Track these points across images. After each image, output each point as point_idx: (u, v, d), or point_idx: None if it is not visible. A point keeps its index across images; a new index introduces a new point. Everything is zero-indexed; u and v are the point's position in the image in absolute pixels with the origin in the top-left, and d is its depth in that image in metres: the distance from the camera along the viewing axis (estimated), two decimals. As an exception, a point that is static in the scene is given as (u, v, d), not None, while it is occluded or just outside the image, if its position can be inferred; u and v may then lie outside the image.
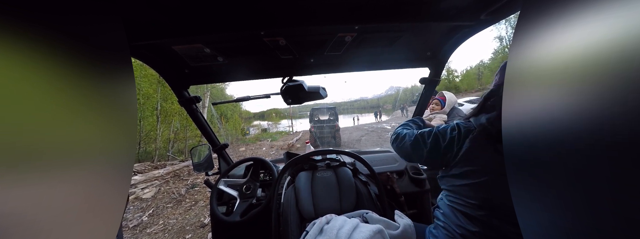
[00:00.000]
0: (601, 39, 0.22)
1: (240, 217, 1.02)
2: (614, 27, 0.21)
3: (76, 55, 0.31)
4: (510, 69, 0.34)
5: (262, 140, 11.88)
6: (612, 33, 0.21)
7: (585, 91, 0.23)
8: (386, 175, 1.30)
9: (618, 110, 0.20)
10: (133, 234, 2.73)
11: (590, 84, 0.23)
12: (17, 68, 0.24)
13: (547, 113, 0.28)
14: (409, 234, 0.64)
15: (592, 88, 0.23)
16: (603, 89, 0.22)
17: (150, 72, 7.53)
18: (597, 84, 0.22)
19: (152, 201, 3.65)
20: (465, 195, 0.66)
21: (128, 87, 0.40)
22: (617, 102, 0.21)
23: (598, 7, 0.23)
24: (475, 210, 0.64)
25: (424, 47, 1.01)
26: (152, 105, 8.32)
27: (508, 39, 22.29)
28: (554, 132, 0.27)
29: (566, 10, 0.26)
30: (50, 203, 0.26)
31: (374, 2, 0.64)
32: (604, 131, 0.22)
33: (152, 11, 0.59)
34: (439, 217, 0.76)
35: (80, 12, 0.33)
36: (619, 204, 0.21)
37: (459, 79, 31.29)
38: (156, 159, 7.57)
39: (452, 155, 0.68)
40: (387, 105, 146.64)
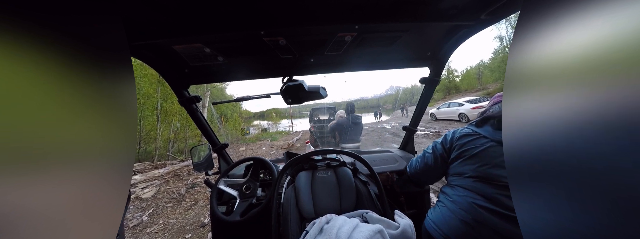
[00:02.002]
0: (601, 38, 0.22)
1: (240, 217, 1.02)
2: (614, 26, 0.21)
3: (76, 55, 0.31)
4: (510, 69, 0.34)
5: (262, 140, 11.87)
6: (613, 33, 0.21)
7: (585, 91, 0.23)
8: (386, 175, 1.30)
9: (618, 110, 0.20)
10: (133, 233, 2.73)
11: (590, 84, 0.23)
12: (17, 69, 0.24)
13: (547, 113, 0.28)
14: (409, 234, 0.64)
15: (592, 88, 0.23)
16: (603, 89, 0.22)
17: (150, 71, 7.53)
18: (597, 84, 0.22)
19: (152, 201, 3.65)
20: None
21: (128, 86, 0.40)
22: (617, 101, 0.21)
23: (598, 7, 0.23)
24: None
25: (424, 46, 1.01)
26: (152, 105, 8.32)
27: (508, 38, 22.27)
28: (554, 132, 0.27)
29: (566, 10, 0.26)
30: (50, 203, 0.26)
31: (374, 2, 0.64)
32: (603, 131, 0.22)
33: (153, 11, 0.59)
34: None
35: (81, 12, 0.33)
36: (618, 203, 0.21)
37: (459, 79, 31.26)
38: (156, 159, 7.58)
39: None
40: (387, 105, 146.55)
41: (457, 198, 0.80)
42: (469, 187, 0.77)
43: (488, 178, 0.73)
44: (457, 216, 0.76)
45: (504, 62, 21.02)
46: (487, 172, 0.74)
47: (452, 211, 0.79)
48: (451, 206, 0.80)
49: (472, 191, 0.76)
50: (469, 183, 0.77)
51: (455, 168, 0.84)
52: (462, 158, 0.82)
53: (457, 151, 0.84)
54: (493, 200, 0.70)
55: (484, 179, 0.74)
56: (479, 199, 0.73)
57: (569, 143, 0.25)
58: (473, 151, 0.79)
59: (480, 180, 0.75)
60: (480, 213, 0.71)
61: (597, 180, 0.23)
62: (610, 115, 0.21)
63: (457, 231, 0.74)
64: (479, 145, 0.78)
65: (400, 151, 1.62)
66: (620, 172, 0.21)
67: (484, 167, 0.75)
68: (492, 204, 0.70)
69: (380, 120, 21.00)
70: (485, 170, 0.74)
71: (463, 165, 0.81)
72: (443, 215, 0.81)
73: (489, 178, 0.73)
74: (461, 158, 0.82)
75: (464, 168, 0.80)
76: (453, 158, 0.85)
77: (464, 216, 0.74)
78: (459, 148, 0.84)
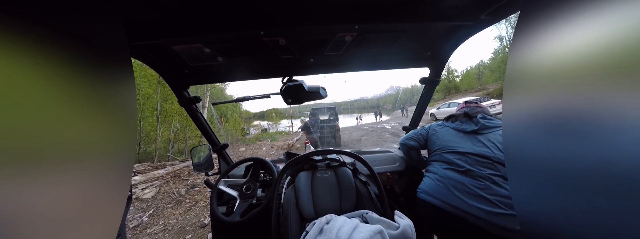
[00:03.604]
0: (601, 38, 0.22)
1: (240, 217, 1.01)
2: (614, 27, 0.21)
3: (76, 55, 0.31)
4: (510, 69, 0.34)
5: (262, 140, 11.88)
6: (612, 33, 0.21)
7: (584, 90, 0.24)
8: (386, 175, 1.29)
9: (617, 109, 0.21)
10: (133, 234, 2.73)
11: (589, 84, 0.23)
12: (17, 69, 0.24)
13: (546, 112, 0.28)
14: (409, 235, 0.64)
15: (591, 87, 0.23)
16: (602, 89, 0.22)
17: (150, 72, 7.54)
18: (596, 84, 0.22)
19: (152, 202, 3.65)
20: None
21: (128, 87, 0.40)
22: (616, 101, 0.21)
23: (598, 7, 0.23)
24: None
25: (424, 46, 1.01)
26: (152, 106, 8.32)
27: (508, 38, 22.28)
28: (553, 131, 0.27)
29: (566, 10, 0.26)
30: (50, 203, 0.25)
31: (374, 2, 0.64)
32: (603, 131, 0.22)
33: (152, 11, 0.59)
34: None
35: (81, 12, 0.33)
36: (617, 202, 0.21)
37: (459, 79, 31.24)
38: (156, 159, 7.57)
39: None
40: (387, 105, 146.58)
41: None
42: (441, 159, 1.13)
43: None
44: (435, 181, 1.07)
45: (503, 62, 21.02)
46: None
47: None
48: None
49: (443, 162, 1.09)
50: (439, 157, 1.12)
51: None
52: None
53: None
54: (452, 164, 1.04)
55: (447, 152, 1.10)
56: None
57: (568, 141, 0.25)
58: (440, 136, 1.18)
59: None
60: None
61: (596, 178, 0.23)
62: (610, 114, 0.21)
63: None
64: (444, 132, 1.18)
65: (400, 151, 1.62)
66: (619, 169, 0.21)
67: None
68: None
69: (380, 120, 21.00)
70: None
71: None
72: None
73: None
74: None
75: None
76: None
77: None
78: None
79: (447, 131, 1.15)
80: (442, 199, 0.95)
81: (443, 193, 0.96)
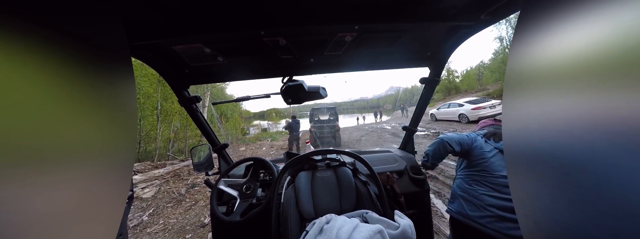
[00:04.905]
0: (601, 38, 0.22)
1: (240, 217, 1.01)
2: (614, 27, 0.21)
3: (76, 55, 0.31)
4: (510, 69, 0.34)
5: (262, 140, 11.88)
6: (612, 33, 0.21)
7: (584, 91, 0.24)
8: (386, 175, 1.30)
9: (617, 110, 0.21)
10: (133, 233, 2.73)
11: (589, 84, 0.23)
12: (17, 69, 0.24)
13: (546, 112, 0.28)
14: (409, 235, 0.64)
15: (591, 87, 0.23)
16: (602, 88, 0.22)
17: (150, 71, 7.54)
18: (596, 84, 0.22)
19: (152, 201, 3.65)
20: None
21: (128, 86, 0.40)
22: (616, 101, 0.21)
23: (598, 7, 0.23)
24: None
25: (424, 46, 1.01)
26: (152, 105, 8.33)
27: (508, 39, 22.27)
28: (553, 131, 0.27)
29: (566, 10, 0.26)
30: (51, 202, 0.26)
31: (374, 2, 0.64)
32: (603, 131, 0.22)
33: (153, 11, 0.59)
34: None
35: (81, 12, 0.33)
36: (616, 202, 0.21)
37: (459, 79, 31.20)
38: (156, 159, 7.58)
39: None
40: (387, 105, 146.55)
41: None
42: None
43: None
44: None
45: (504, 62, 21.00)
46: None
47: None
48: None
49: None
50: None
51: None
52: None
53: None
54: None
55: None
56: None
57: (568, 142, 0.25)
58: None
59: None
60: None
61: (596, 177, 0.23)
62: (610, 114, 0.21)
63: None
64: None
65: (400, 151, 1.62)
66: (619, 169, 0.21)
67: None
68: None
69: (380, 120, 21.00)
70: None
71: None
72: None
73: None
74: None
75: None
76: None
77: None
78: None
79: (494, 153, 1.10)
80: (487, 225, 0.98)
81: (487, 221, 0.99)
